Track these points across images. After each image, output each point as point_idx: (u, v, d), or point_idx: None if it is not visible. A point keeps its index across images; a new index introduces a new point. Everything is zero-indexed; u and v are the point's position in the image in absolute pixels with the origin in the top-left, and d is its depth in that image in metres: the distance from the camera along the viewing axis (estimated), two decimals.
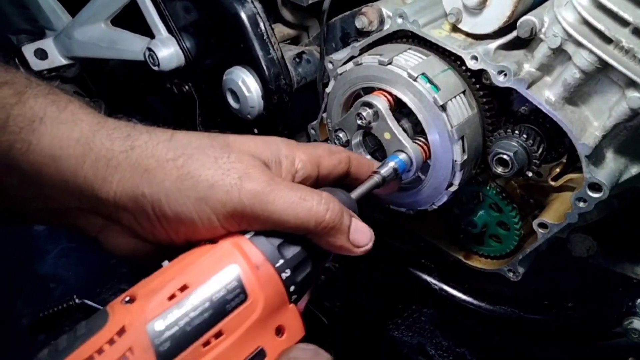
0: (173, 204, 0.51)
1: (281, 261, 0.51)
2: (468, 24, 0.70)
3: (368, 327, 1.15)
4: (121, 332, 0.45)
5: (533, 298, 0.88)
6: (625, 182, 0.68)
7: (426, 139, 0.70)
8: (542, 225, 0.71)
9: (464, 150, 0.69)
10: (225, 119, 1.00)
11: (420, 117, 0.69)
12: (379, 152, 0.77)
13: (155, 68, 0.96)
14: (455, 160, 0.69)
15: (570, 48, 0.62)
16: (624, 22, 0.59)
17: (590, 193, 0.65)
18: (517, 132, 0.69)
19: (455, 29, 0.72)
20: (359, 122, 0.71)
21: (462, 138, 0.69)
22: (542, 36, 0.65)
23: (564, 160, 0.75)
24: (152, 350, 0.44)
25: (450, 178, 0.71)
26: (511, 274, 0.78)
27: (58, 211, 0.55)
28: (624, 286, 0.79)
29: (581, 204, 0.66)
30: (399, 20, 0.73)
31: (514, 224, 0.78)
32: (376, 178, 0.65)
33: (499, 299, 0.88)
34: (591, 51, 0.60)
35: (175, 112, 1.30)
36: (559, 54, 0.64)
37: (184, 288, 0.48)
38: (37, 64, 1.19)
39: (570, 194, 0.67)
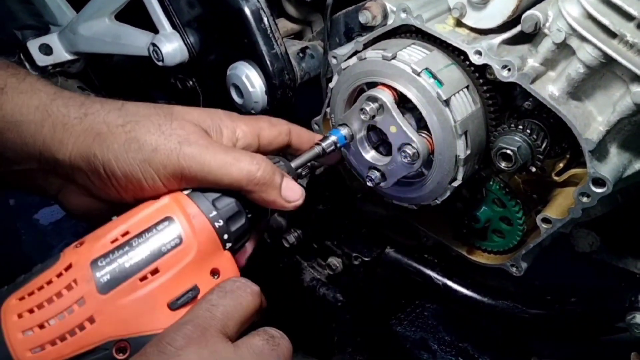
0: (121, 164, 0.58)
1: (214, 212, 0.59)
2: (472, 19, 0.70)
3: (371, 322, 1.15)
4: (68, 267, 0.54)
5: (536, 293, 0.88)
6: (629, 177, 0.68)
7: (429, 133, 0.70)
8: (546, 220, 0.71)
9: (467, 146, 0.69)
10: None
11: (423, 112, 0.69)
12: (382, 146, 0.77)
13: (160, 63, 0.96)
14: (459, 156, 0.69)
15: (574, 43, 0.62)
16: (628, 17, 0.59)
17: (593, 188, 0.65)
18: (520, 127, 0.69)
19: (459, 23, 0.71)
20: (362, 117, 0.71)
21: (465, 133, 0.69)
22: (546, 31, 0.64)
23: (568, 156, 0.75)
24: (94, 282, 0.53)
25: (453, 173, 0.71)
26: (514, 269, 0.78)
27: (20, 173, 0.62)
28: (627, 281, 0.79)
29: (585, 199, 0.66)
30: (403, 15, 0.73)
31: (517, 219, 0.78)
32: (316, 149, 0.71)
33: (501, 294, 0.88)
34: (595, 46, 0.60)
35: None
36: (563, 48, 0.64)
37: (125, 234, 0.56)
38: (42, 59, 1.20)
39: (573, 189, 0.67)
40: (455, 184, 0.72)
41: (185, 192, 0.61)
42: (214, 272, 0.58)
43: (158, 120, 0.60)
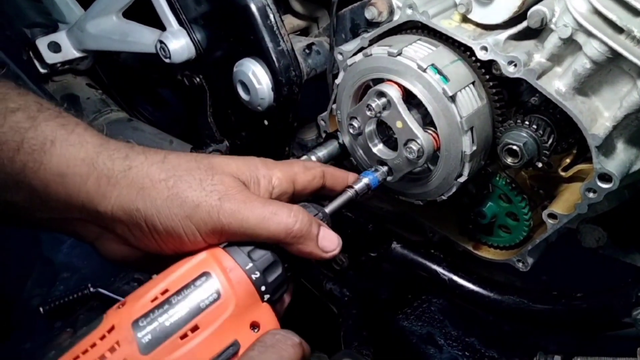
0: (163, 219, 0.59)
1: (250, 264, 0.59)
2: (478, 15, 0.70)
3: (377, 316, 1.16)
4: (111, 329, 0.54)
5: (542, 288, 0.88)
6: (635, 172, 0.67)
7: (436, 129, 0.71)
8: (552, 215, 0.72)
9: (473, 141, 0.70)
10: (236, 111, 1.00)
11: (429, 108, 0.69)
12: (389, 142, 0.78)
13: (167, 60, 0.97)
14: (465, 152, 0.69)
15: (581, 38, 0.62)
16: (636, 12, 0.59)
17: (600, 184, 0.65)
18: (527, 122, 0.69)
19: (465, 19, 0.71)
20: (368, 113, 0.72)
21: (471, 129, 0.69)
22: (552, 26, 0.64)
23: (574, 151, 0.75)
24: (136, 343, 0.53)
25: (459, 169, 0.71)
26: (520, 265, 0.79)
27: (60, 220, 0.63)
28: (634, 277, 0.78)
29: (591, 195, 0.66)
30: (409, 11, 0.73)
31: (524, 214, 0.78)
32: (349, 193, 0.71)
33: (508, 289, 0.88)
34: (602, 41, 0.60)
35: (186, 104, 1.31)
36: (570, 44, 0.64)
37: (165, 292, 0.56)
38: (50, 57, 1.21)
39: (580, 185, 0.67)
40: (462, 179, 0.72)
41: (222, 245, 0.61)
42: (254, 326, 0.58)
43: (199, 175, 0.61)
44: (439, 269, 0.93)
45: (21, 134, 0.58)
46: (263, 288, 0.59)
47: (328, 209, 0.68)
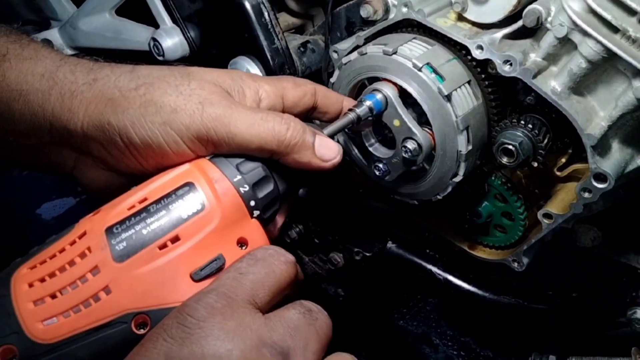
0: (139, 130, 0.54)
1: (239, 176, 0.54)
2: (474, 13, 0.69)
3: (373, 316, 1.16)
4: (82, 235, 0.51)
5: (537, 288, 0.88)
6: (631, 172, 0.67)
7: (431, 129, 0.70)
8: (547, 215, 0.71)
9: (468, 141, 0.69)
10: None
11: (425, 107, 0.69)
12: (384, 142, 0.77)
13: (160, 58, 0.96)
14: (460, 151, 0.69)
15: (576, 37, 0.62)
16: (631, 11, 0.58)
17: (595, 183, 0.65)
18: (522, 122, 0.68)
19: (460, 18, 0.71)
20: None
21: (467, 128, 0.69)
22: (548, 25, 0.64)
23: (570, 151, 0.75)
24: (109, 249, 0.49)
25: (454, 169, 0.71)
26: (516, 264, 0.78)
27: (32, 149, 0.58)
28: (629, 276, 0.79)
29: (586, 195, 0.66)
30: (404, 9, 0.72)
31: (519, 214, 0.78)
32: (351, 116, 0.66)
33: (503, 289, 0.88)
34: (598, 41, 0.60)
35: None
36: (565, 43, 0.64)
37: (143, 200, 0.52)
38: None
39: (575, 185, 0.67)
40: (457, 179, 0.72)
41: (207, 157, 0.57)
42: (241, 243, 0.53)
43: (175, 81, 0.55)
44: (435, 269, 0.93)
45: None
46: (252, 203, 0.54)
47: (327, 131, 0.63)
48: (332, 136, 0.63)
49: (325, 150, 0.59)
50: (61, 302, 0.48)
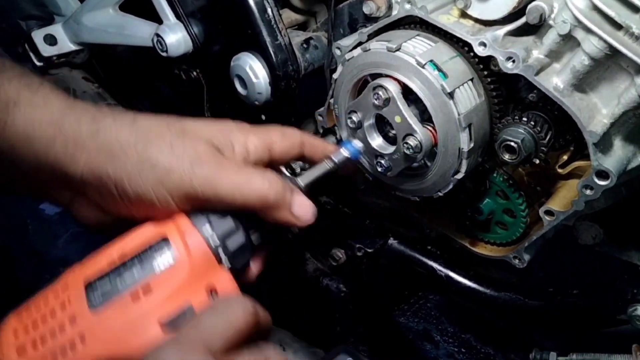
0: (134, 184, 0.57)
1: (209, 229, 0.58)
2: (477, 10, 0.69)
3: (374, 312, 1.16)
4: (64, 287, 0.55)
5: (538, 285, 0.88)
6: (633, 169, 0.67)
7: (433, 125, 0.70)
8: (549, 212, 0.71)
9: (470, 138, 0.69)
10: (233, 105, 1.00)
11: (427, 104, 0.69)
12: (386, 139, 0.77)
13: (163, 54, 0.96)
14: (462, 148, 0.69)
15: (579, 34, 0.62)
16: (634, 8, 0.58)
17: (597, 181, 0.65)
18: (524, 119, 0.68)
19: (463, 14, 0.71)
20: (375, 101, 0.71)
21: (469, 126, 0.69)
22: (551, 22, 0.64)
23: (572, 148, 0.75)
24: (85, 300, 0.53)
25: (456, 166, 0.71)
26: (517, 261, 0.79)
27: (31, 183, 0.62)
28: (630, 274, 0.79)
29: (588, 192, 0.66)
30: (407, 6, 0.72)
31: (521, 211, 0.78)
32: (327, 164, 0.68)
33: (504, 285, 0.88)
34: (601, 37, 0.60)
35: (183, 98, 1.31)
36: (568, 40, 0.64)
37: (122, 256, 0.56)
38: (46, 50, 1.20)
39: (577, 182, 0.67)
40: (459, 176, 0.72)
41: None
42: (212, 291, 0.57)
43: (170, 139, 0.59)
44: (436, 265, 0.93)
45: None
46: (222, 254, 0.58)
47: (302, 181, 0.66)
48: (308, 187, 0.66)
49: (301, 209, 0.62)
50: (42, 352, 0.52)
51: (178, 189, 0.57)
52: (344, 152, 0.70)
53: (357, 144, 0.73)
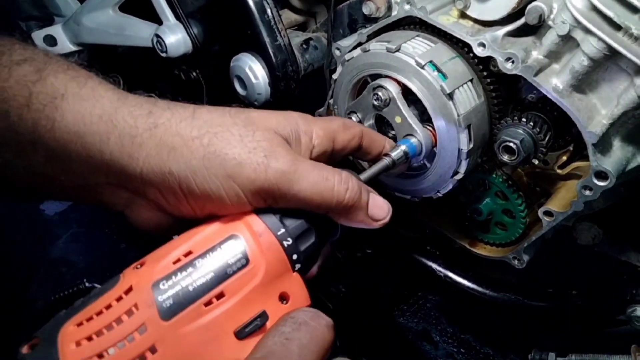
0: (200, 181, 0.53)
1: (282, 230, 0.54)
2: (476, 10, 0.69)
3: (373, 313, 1.16)
4: (128, 291, 0.49)
5: (538, 285, 0.88)
6: (632, 170, 0.67)
7: (433, 126, 0.70)
8: (548, 213, 0.72)
9: (470, 139, 0.69)
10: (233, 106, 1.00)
11: (427, 105, 0.69)
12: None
13: (163, 54, 0.96)
14: (462, 149, 0.69)
15: (578, 35, 0.62)
16: (634, 9, 0.59)
17: (596, 181, 0.65)
18: (524, 119, 0.69)
19: (463, 15, 0.71)
20: (375, 102, 0.71)
21: (468, 127, 0.69)
22: (550, 23, 0.64)
23: (571, 148, 0.75)
24: (155, 307, 0.48)
25: (456, 166, 0.71)
26: (516, 262, 0.79)
27: (84, 187, 0.57)
28: (629, 274, 0.79)
29: (587, 192, 0.66)
30: (407, 7, 0.72)
31: (520, 211, 0.78)
32: (386, 161, 0.67)
33: (503, 286, 0.89)
34: (600, 38, 0.60)
35: (183, 99, 1.31)
36: (568, 41, 0.64)
37: (188, 254, 0.51)
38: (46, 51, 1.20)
39: (576, 182, 0.67)
40: (458, 177, 0.72)
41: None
42: (283, 297, 0.53)
43: (238, 131, 0.55)
44: (435, 266, 0.93)
45: (29, 88, 0.52)
46: (295, 257, 0.54)
47: (363, 176, 0.63)
48: (368, 181, 0.64)
49: (378, 210, 0.60)
50: None
51: (251, 183, 0.52)
52: (402, 147, 0.68)
53: (413, 139, 0.70)
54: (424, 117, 0.72)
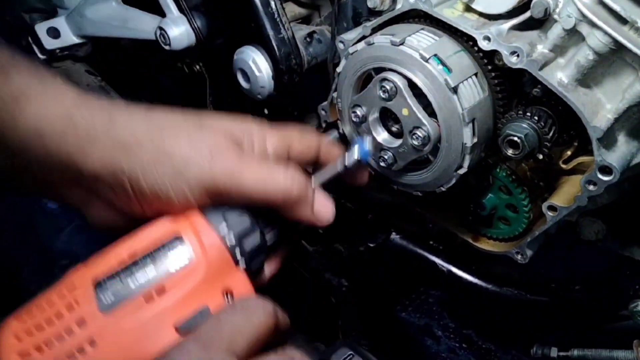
0: (149, 178, 0.54)
1: (225, 228, 0.55)
2: (481, 4, 0.69)
3: (375, 307, 1.16)
4: (71, 288, 0.52)
5: (540, 280, 0.88)
6: (636, 165, 0.67)
7: (437, 120, 0.70)
8: (552, 208, 0.71)
9: (474, 133, 0.69)
10: (236, 99, 1.00)
11: (431, 98, 0.69)
12: (392, 133, 0.77)
13: (167, 47, 0.96)
14: (465, 143, 0.69)
15: (584, 29, 0.62)
16: None
17: (600, 176, 0.65)
18: (528, 114, 0.68)
19: (468, 8, 0.71)
20: (382, 94, 0.71)
21: (472, 121, 0.69)
22: (556, 17, 0.64)
23: (575, 143, 0.75)
24: (95, 302, 0.50)
25: (459, 160, 0.71)
26: (519, 257, 0.79)
27: (45, 184, 0.59)
28: (632, 270, 0.79)
29: (591, 187, 0.66)
30: (411, 0, 0.72)
31: (523, 206, 0.78)
32: (338, 167, 0.67)
33: (506, 281, 0.89)
34: (606, 32, 0.59)
35: (186, 92, 1.31)
36: (573, 35, 0.64)
37: (132, 252, 0.53)
38: (49, 43, 1.20)
39: (580, 177, 0.67)
40: (461, 171, 0.72)
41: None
42: (227, 293, 0.54)
43: (188, 131, 0.56)
44: (438, 261, 0.93)
45: None
46: (238, 254, 0.56)
47: (316, 179, 0.64)
48: (321, 188, 0.64)
49: (323, 209, 0.61)
50: (47, 355, 0.49)
51: (197, 180, 0.54)
52: (355, 155, 0.68)
53: (366, 146, 0.69)
54: (428, 111, 0.72)
